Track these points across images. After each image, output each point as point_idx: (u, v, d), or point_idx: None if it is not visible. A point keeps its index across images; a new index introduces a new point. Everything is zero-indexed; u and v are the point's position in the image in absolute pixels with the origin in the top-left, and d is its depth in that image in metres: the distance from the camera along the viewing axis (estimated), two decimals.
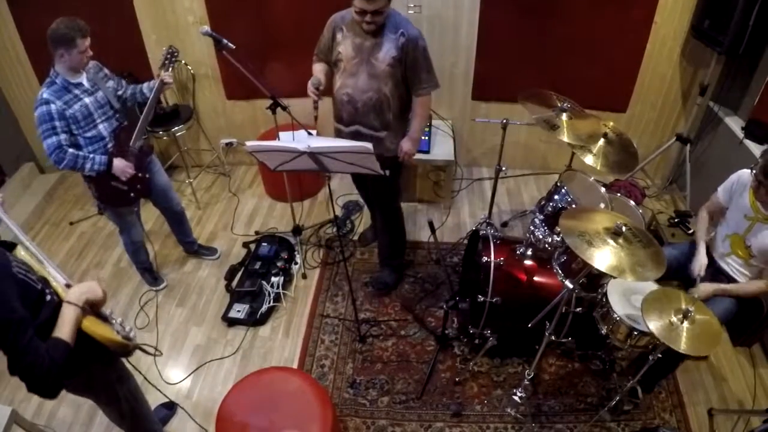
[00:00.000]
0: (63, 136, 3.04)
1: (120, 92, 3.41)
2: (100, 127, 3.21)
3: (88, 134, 3.16)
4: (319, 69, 3.34)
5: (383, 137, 3.32)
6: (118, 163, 3.25)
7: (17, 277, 1.81)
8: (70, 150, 3.08)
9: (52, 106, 2.98)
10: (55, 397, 1.87)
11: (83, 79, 3.14)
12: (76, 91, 3.08)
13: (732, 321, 3.00)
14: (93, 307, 2.04)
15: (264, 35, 4.47)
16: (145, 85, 3.48)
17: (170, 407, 3.24)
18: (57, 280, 2.07)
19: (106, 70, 3.33)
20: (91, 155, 3.15)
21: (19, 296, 1.75)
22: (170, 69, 3.39)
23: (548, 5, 4.20)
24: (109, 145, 3.27)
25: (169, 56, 3.38)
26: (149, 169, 3.56)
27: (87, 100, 3.12)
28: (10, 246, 2.07)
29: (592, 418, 3.13)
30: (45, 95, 2.98)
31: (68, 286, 2.07)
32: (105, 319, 2.16)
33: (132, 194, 3.44)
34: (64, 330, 1.84)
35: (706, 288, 2.92)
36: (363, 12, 2.96)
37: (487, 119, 4.16)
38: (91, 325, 1.97)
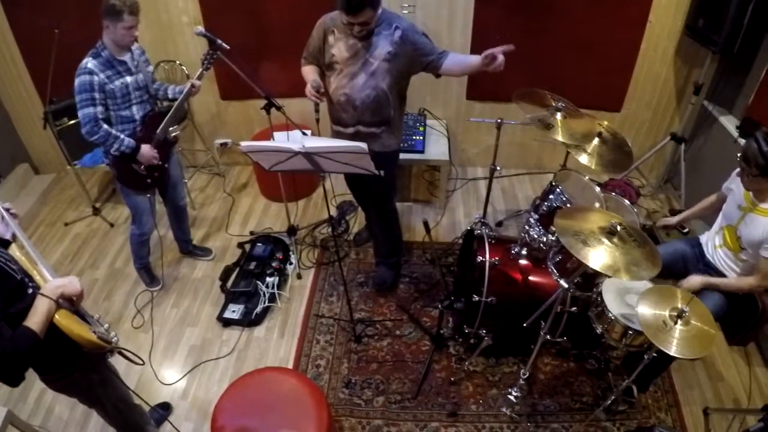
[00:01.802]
0: (100, 109, 3.08)
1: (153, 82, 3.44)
2: (134, 108, 3.26)
3: (122, 113, 3.21)
4: (310, 71, 3.27)
5: (379, 132, 3.30)
6: (146, 150, 3.29)
7: None
8: (105, 126, 3.11)
9: (95, 78, 3.01)
10: (16, 385, 1.85)
11: (128, 58, 3.17)
12: (120, 68, 3.13)
13: (727, 319, 3.00)
14: (71, 304, 2.00)
15: (258, 35, 4.47)
16: (171, 87, 3.50)
17: (166, 408, 3.24)
18: (45, 276, 2.03)
19: (147, 56, 3.37)
20: (121, 136, 3.18)
21: None
22: (205, 71, 3.37)
23: (543, 5, 4.20)
24: (138, 129, 3.30)
25: (208, 56, 3.33)
26: (168, 159, 3.60)
27: (129, 79, 3.17)
28: (5, 243, 2.06)
29: (588, 417, 3.14)
30: (89, 65, 3.00)
31: None
32: (83, 317, 2.12)
33: (149, 180, 3.48)
34: (33, 320, 1.80)
35: (694, 280, 2.93)
36: (350, 24, 2.95)
37: (481, 119, 4.15)
38: (64, 320, 1.91)
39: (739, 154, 2.70)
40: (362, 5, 2.84)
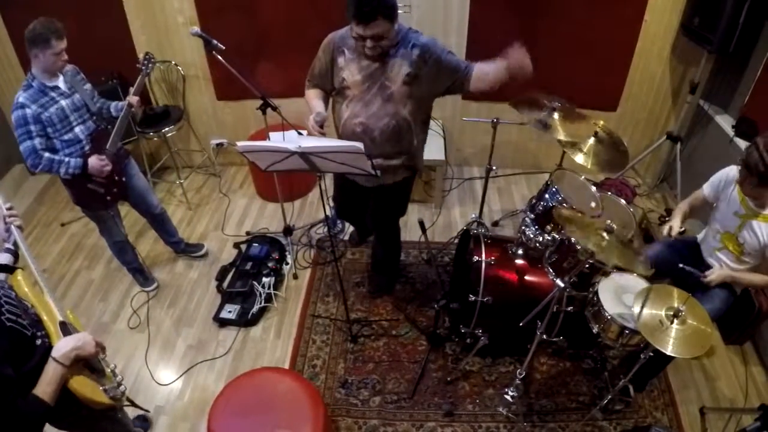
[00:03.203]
0: (38, 141, 3.03)
1: (94, 99, 3.38)
2: (77, 130, 3.20)
3: (65, 137, 3.15)
4: (316, 98, 3.03)
5: (400, 164, 3.07)
6: (93, 162, 3.22)
7: (5, 326, 1.72)
8: (46, 155, 3.07)
9: (27, 111, 2.96)
10: None
11: (60, 82, 3.13)
12: (53, 94, 3.07)
13: (724, 319, 3.00)
14: (85, 360, 1.96)
15: (254, 36, 4.45)
16: (113, 104, 3.46)
17: (144, 420, 3.18)
18: (54, 313, 2.00)
19: (82, 74, 3.32)
20: (66, 159, 3.13)
21: (6, 348, 1.68)
22: (147, 76, 3.37)
23: (538, 4, 4.19)
24: (86, 148, 3.25)
25: (145, 62, 3.35)
26: (126, 172, 3.55)
27: (63, 102, 3.11)
28: (10, 269, 2.04)
29: (584, 417, 3.14)
30: (21, 99, 2.97)
31: (62, 324, 1.99)
32: (96, 369, 2.08)
33: (108, 197, 3.42)
34: (45, 389, 1.74)
35: (719, 273, 2.87)
36: (361, 37, 2.65)
37: (477, 118, 4.15)
38: (78, 385, 1.87)
39: (740, 161, 2.66)
40: (375, 12, 2.55)
